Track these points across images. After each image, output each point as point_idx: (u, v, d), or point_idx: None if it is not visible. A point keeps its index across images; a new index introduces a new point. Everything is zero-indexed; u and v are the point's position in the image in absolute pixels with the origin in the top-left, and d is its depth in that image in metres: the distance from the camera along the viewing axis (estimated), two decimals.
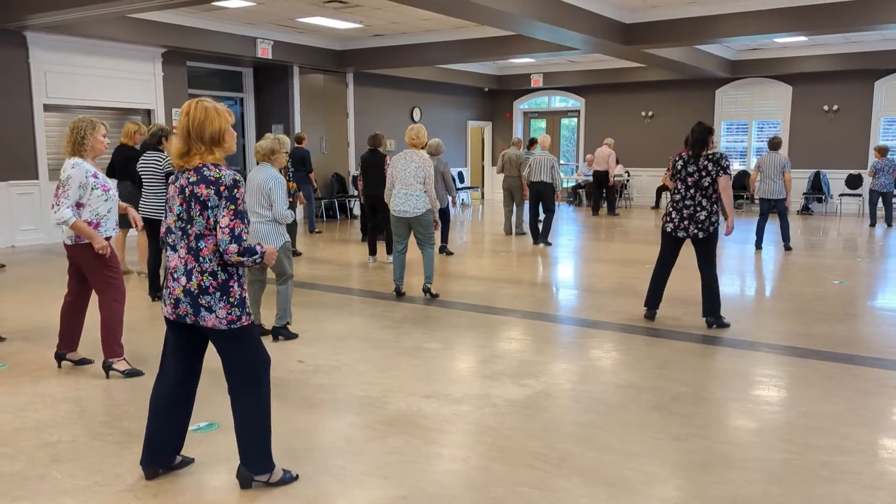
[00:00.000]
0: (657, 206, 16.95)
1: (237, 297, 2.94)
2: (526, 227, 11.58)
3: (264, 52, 12.47)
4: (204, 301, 2.89)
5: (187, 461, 3.29)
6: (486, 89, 18.86)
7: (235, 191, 2.87)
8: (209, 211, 2.86)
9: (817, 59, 14.68)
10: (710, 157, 5.64)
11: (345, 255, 9.92)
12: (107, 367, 4.58)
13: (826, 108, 15.37)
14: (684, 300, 6.87)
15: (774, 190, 9.96)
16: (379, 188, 8.87)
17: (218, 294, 2.90)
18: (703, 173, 5.64)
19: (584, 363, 4.93)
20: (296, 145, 11.64)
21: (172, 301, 2.94)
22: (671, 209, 5.83)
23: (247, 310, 2.98)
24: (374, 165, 9.07)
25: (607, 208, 15.39)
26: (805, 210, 15.58)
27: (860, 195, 15.05)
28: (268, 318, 5.85)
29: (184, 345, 3.07)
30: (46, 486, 3.13)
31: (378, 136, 9.22)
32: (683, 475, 3.24)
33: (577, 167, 18.41)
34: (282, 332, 5.46)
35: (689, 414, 3.96)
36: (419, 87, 16.85)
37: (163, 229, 3.04)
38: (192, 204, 2.87)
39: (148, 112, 11.90)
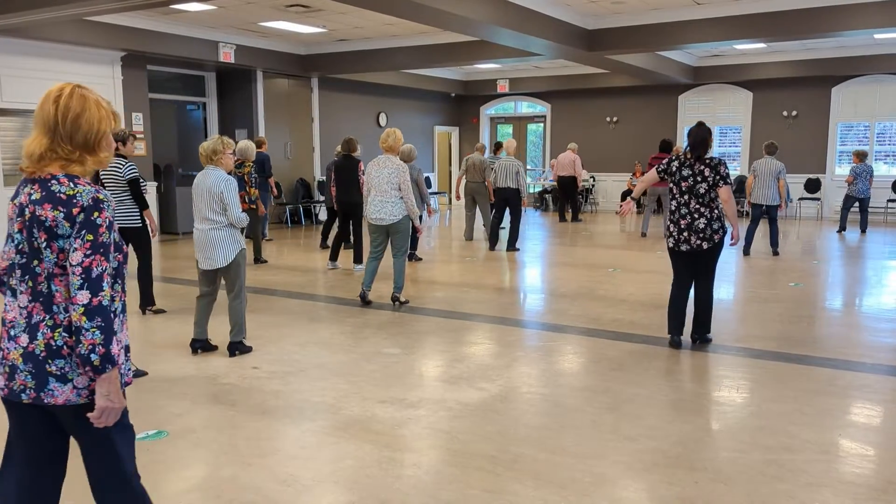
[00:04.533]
0: None
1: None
2: (486, 232, 11.53)
3: (227, 56, 12.35)
4: (54, 367, 2.03)
5: None
6: (453, 94, 18.91)
7: (96, 214, 2.01)
8: (59, 241, 2.01)
9: (776, 66, 14.99)
10: (707, 162, 5.27)
11: (311, 261, 9.85)
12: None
13: (785, 113, 15.69)
14: (643, 303, 6.95)
15: (768, 196, 9.80)
16: (353, 195, 8.72)
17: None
18: (699, 178, 5.22)
19: (542, 366, 4.95)
20: (255, 150, 11.48)
21: (7, 370, 2.07)
22: (669, 222, 5.38)
23: (124, 379, 2.12)
24: (347, 171, 8.83)
25: (571, 214, 15.39)
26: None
27: (818, 199, 15.37)
28: (214, 331, 5.78)
29: (32, 431, 2.16)
30: None
31: (351, 141, 9.00)
32: (632, 476, 3.26)
33: (544, 172, 18.54)
34: (238, 348, 5.24)
35: (641, 415, 4.00)
36: (385, 92, 16.83)
37: (2, 266, 2.16)
38: (36, 231, 2.02)
39: None
